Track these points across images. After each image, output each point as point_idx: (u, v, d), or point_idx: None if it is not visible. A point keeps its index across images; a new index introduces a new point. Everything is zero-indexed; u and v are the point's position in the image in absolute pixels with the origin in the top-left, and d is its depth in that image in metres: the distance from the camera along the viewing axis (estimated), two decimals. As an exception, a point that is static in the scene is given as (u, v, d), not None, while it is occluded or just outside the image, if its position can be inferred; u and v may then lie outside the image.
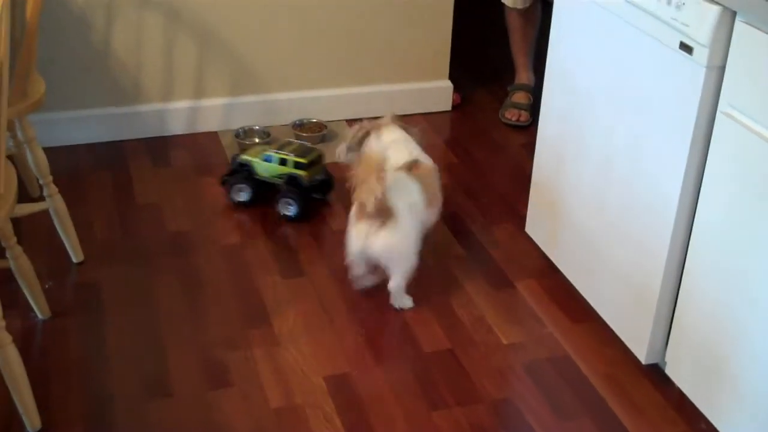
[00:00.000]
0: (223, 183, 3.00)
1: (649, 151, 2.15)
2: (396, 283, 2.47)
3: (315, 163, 2.96)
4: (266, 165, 2.94)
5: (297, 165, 2.91)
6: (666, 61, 2.05)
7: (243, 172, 2.95)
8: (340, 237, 2.82)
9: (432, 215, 2.60)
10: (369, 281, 2.55)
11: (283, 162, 2.92)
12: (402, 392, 2.24)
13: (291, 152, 2.92)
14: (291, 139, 3.09)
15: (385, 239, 2.40)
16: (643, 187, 2.19)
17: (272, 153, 2.93)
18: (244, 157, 2.97)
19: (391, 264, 2.45)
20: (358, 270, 2.51)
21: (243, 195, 2.95)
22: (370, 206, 2.34)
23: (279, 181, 2.93)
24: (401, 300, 2.52)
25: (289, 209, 2.90)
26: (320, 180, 2.98)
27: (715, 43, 1.90)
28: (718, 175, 1.97)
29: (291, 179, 2.91)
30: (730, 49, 1.89)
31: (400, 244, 2.43)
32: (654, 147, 2.14)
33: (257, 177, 2.95)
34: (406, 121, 3.53)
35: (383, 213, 2.38)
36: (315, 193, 2.97)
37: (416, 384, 2.26)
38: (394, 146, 2.68)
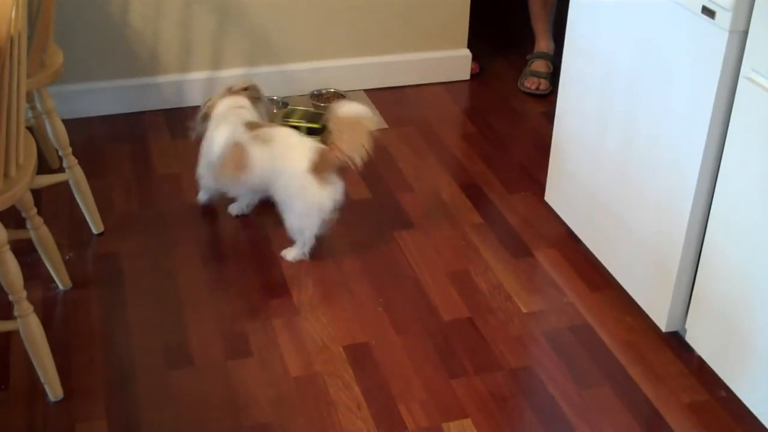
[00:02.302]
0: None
1: (671, 117, 2.13)
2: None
3: (326, 126, 2.91)
4: None
5: (310, 131, 2.89)
6: (688, 25, 2.02)
7: None
8: (359, 207, 2.83)
9: None
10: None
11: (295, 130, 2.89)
12: (421, 360, 2.24)
13: (300, 119, 2.90)
14: (292, 107, 3.02)
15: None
16: (664, 153, 2.17)
17: (283, 122, 2.90)
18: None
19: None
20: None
21: None
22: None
23: None
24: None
25: None
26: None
27: (738, 6, 1.87)
28: (740, 140, 1.95)
29: None
30: (753, 12, 1.86)
31: None
32: (675, 113, 2.11)
33: None
34: (423, 89, 3.55)
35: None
36: None
37: (435, 352, 2.27)
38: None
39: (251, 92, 2.74)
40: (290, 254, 2.58)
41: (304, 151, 2.49)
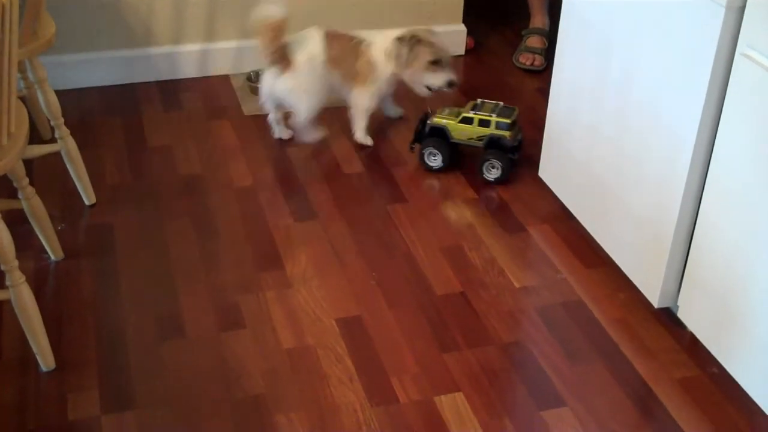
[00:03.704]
0: (412, 149, 2.92)
1: (666, 93, 2.13)
2: (298, 119, 2.95)
3: (516, 122, 2.86)
4: (464, 127, 2.83)
5: (499, 125, 2.80)
6: (685, 1, 2.01)
7: (436, 137, 2.85)
8: (352, 181, 2.83)
9: (339, 78, 2.95)
10: (284, 133, 3.03)
11: (484, 123, 2.81)
12: (413, 334, 2.24)
13: (491, 112, 2.82)
14: (483, 99, 2.92)
15: (284, 83, 2.88)
16: (659, 129, 2.17)
17: (472, 114, 2.82)
18: (438, 120, 2.86)
19: (292, 103, 2.93)
20: (271, 114, 3.00)
21: (436, 160, 2.87)
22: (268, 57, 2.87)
23: (477, 144, 2.83)
24: (307, 134, 2.99)
25: (493, 173, 2.82)
26: (519, 140, 2.87)
27: (736, -18, 1.87)
28: (736, 117, 1.94)
29: (493, 141, 2.81)
30: (751, -12, 1.86)
31: (295, 87, 2.89)
32: (671, 89, 2.11)
33: (452, 140, 2.85)
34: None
35: (283, 62, 2.87)
36: (512, 154, 2.82)
37: (427, 326, 2.27)
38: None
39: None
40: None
41: None
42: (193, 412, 2.02)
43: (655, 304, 2.28)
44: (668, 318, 2.30)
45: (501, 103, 2.90)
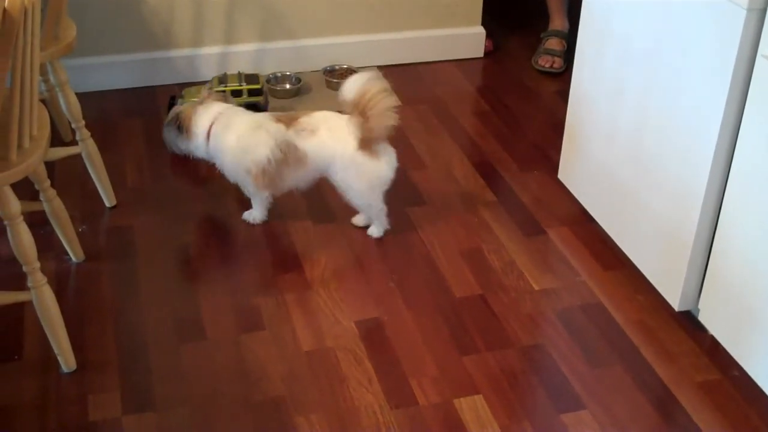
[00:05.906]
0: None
1: (687, 96, 2.12)
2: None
3: (263, 87, 3.09)
4: None
5: (251, 92, 3.01)
6: (705, 3, 2.00)
7: None
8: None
9: None
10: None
11: (237, 93, 3.00)
12: (432, 337, 2.24)
13: (240, 82, 3.02)
14: (224, 72, 3.10)
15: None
16: (679, 132, 2.16)
17: (223, 88, 3.00)
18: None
19: None
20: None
21: None
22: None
23: None
24: None
25: None
26: (266, 102, 3.12)
27: (757, -16, 1.86)
28: (757, 119, 1.93)
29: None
30: (772, -10, 1.85)
31: None
32: (692, 92, 2.10)
33: None
34: (437, 67, 3.54)
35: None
36: None
37: (446, 329, 2.27)
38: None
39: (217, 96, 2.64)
40: (375, 231, 2.59)
41: (348, 131, 2.44)
42: (212, 414, 2.02)
43: (676, 307, 2.27)
44: (689, 321, 2.28)
45: (242, 72, 3.09)
